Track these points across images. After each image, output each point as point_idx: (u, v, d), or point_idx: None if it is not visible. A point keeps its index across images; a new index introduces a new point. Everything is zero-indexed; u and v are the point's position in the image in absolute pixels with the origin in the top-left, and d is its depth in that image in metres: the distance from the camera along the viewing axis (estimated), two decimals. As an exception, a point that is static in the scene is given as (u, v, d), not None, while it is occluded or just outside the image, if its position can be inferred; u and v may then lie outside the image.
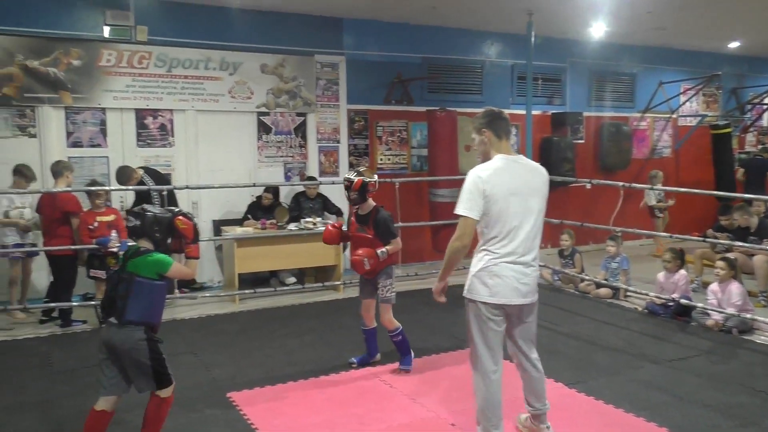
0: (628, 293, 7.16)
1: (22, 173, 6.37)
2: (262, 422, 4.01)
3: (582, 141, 10.54)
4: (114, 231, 6.10)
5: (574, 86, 10.48)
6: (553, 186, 8.15)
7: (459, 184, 8.56)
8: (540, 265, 7.95)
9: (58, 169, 6.25)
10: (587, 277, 7.49)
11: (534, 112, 8.98)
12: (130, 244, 3.51)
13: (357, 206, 4.78)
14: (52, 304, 6.27)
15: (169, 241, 3.52)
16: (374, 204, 4.78)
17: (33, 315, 6.48)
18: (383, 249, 4.68)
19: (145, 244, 3.42)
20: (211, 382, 4.69)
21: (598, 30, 9.11)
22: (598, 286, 7.32)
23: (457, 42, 9.37)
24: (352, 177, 4.70)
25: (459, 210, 3.26)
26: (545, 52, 9.49)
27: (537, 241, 3.40)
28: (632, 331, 5.99)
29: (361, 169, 4.83)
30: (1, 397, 4.41)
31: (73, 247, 6.15)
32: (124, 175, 6.68)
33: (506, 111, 10.17)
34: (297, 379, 4.73)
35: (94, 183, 6.53)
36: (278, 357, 5.25)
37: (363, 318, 4.98)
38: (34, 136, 7.04)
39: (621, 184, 7.29)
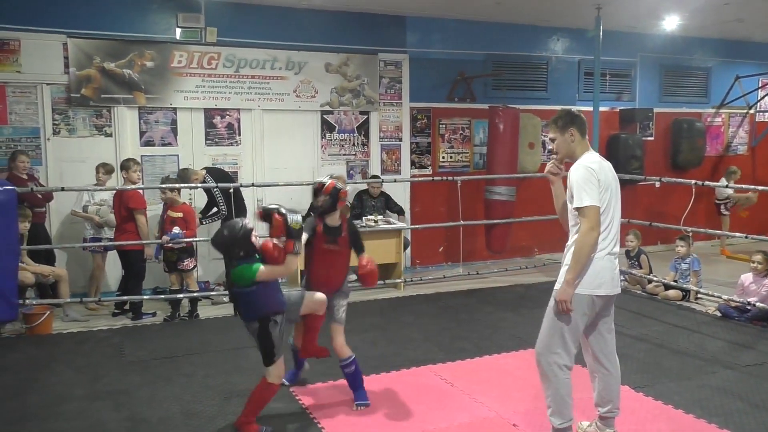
0: (700, 295, 6.91)
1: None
2: (325, 417, 4.07)
3: (652, 138, 10.22)
4: (176, 227, 6.32)
5: (643, 81, 10.17)
6: (620, 184, 7.97)
7: (517, 182, 8.54)
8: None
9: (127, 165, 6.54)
10: (655, 278, 7.27)
11: (601, 109, 8.78)
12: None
13: (325, 215, 4.26)
14: (124, 297, 6.52)
15: (257, 247, 3.72)
16: (342, 216, 4.37)
17: (106, 307, 6.76)
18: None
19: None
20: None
21: (670, 23, 8.82)
22: (667, 287, 7.09)
23: (522, 38, 9.24)
24: (324, 180, 4.24)
25: (585, 201, 3.26)
26: (614, 46, 9.25)
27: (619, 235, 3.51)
28: (704, 334, 5.77)
29: (335, 174, 4.42)
30: (79, 386, 4.63)
31: (146, 242, 6.38)
32: (183, 177, 6.84)
33: (573, 107, 10.01)
34: (359, 375, 4.77)
35: (167, 180, 6.79)
36: (340, 353, 5.30)
37: (296, 345, 4.43)
38: (110, 135, 7.34)
39: (693, 182, 7.03)
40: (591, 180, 3.28)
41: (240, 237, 3.64)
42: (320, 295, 4.05)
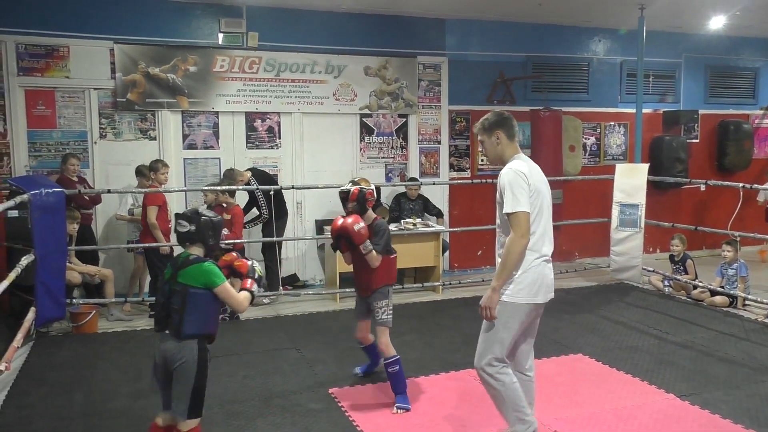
0: (748, 302, 6.71)
1: (143, 173, 6.81)
2: (364, 420, 4.07)
3: (696, 140, 9.99)
4: (224, 229, 6.42)
5: (688, 83, 9.96)
6: (663, 187, 7.84)
7: (561, 185, 8.43)
8: (649, 271, 7.71)
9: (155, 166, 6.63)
10: (701, 284, 7.09)
11: (645, 111, 8.62)
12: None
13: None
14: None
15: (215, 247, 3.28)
16: (375, 216, 4.40)
17: (144, 308, 6.88)
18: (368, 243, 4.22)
19: (196, 250, 3.18)
20: (314, 378, 4.81)
21: (716, 22, 8.62)
22: (714, 293, 6.91)
23: (563, 39, 9.13)
24: (347, 187, 4.29)
25: (516, 207, 3.14)
26: (657, 47, 9.08)
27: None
28: (753, 342, 5.60)
29: (357, 178, 4.43)
30: (123, 384, 4.73)
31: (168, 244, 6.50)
32: (229, 177, 6.96)
33: (614, 109, 9.81)
34: (397, 378, 4.77)
35: (215, 184, 6.93)
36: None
37: (359, 339, 4.67)
38: (154, 138, 7.49)
39: (741, 185, 6.84)
40: (521, 185, 3.17)
41: (219, 226, 3.26)
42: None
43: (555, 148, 8.29)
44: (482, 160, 8.92)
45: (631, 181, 7.64)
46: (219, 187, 6.63)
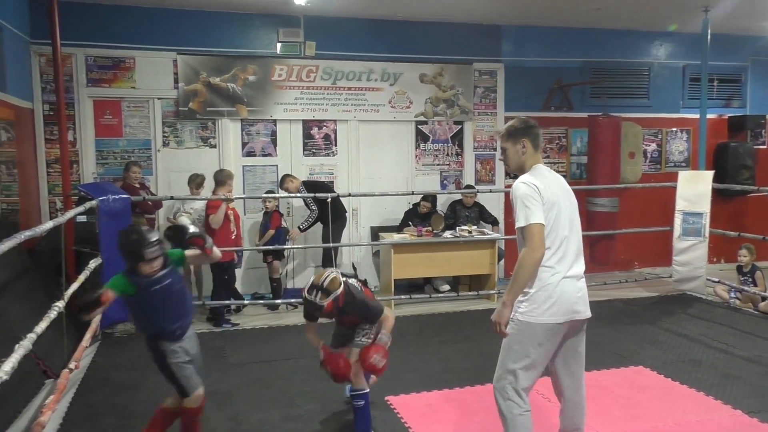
0: (821, 316, 6.41)
1: (193, 181, 6.97)
2: (420, 427, 4.06)
3: (764, 146, 9.63)
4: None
5: (756, 87, 9.61)
6: (729, 195, 7.56)
7: (618, 193, 8.22)
8: (713, 281, 7.44)
9: (221, 178, 6.71)
10: (770, 297, 6.81)
11: (709, 116, 8.34)
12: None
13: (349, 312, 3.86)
14: (226, 302, 6.77)
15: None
16: (340, 291, 3.72)
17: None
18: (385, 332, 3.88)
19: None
20: (370, 385, 4.82)
21: (785, 24, 8.30)
22: (784, 306, 6.62)
23: (622, 44, 8.95)
24: (320, 303, 3.64)
25: (530, 219, 2.98)
26: (722, 50, 8.80)
27: (582, 256, 3.18)
28: (826, 358, 5.35)
29: (325, 283, 3.68)
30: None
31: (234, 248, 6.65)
32: (281, 180, 7.36)
33: (677, 115, 9.52)
34: (453, 386, 4.74)
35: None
36: (434, 363, 5.29)
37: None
38: (214, 146, 7.69)
39: (813, 194, 6.56)
40: (532, 196, 3.00)
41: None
42: None
43: (613, 155, 8.11)
44: (539, 167, 8.80)
45: (694, 189, 7.40)
46: (277, 195, 6.78)
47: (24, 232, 3.55)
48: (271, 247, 7.06)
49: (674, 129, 9.36)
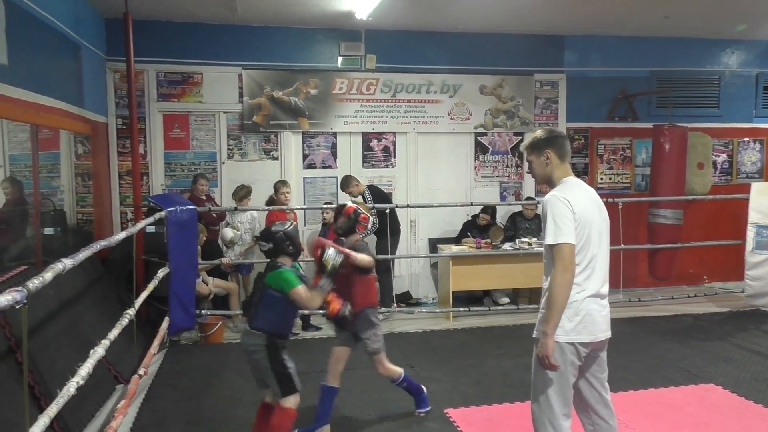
0: None
1: (237, 193, 7.11)
2: (479, 440, 4.02)
3: (844, 157, 9.16)
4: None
5: (834, 94, 9.16)
6: None
7: (683, 205, 7.97)
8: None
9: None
10: None
11: (784, 126, 8.01)
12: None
13: (342, 237, 4.21)
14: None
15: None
16: (357, 238, 4.24)
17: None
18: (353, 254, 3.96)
19: (284, 260, 3.64)
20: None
21: None
22: None
23: (690, 52, 8.70)
24: (347, 203, 4.30)
25: (559, 238, 2.86)
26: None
27: (608, 274, 3.05)
28: None
29: (359, 199, 4.24)
30: (247, 393, 4.91)
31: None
32: (345, 182, 7.25)
33: (749, 124, 9.19)
34: (513, 400, 4.67)
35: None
36: (494, 376, 5.23)
37: (328, 372, 4.20)
38: (276, 159, 7.85)
39: None
40: (565, 214, 2.88)
41: (289, 231, 3.68)
42: None
43: (678, 166, 7.84)
44: (601, 179, 8.63)
45: (768, 201, 7.10)
46: (332, 205, 6.83)
47: (99, 241, 3.69)
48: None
49: (746, 139, 9.02)
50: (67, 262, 2.90)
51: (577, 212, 2.90)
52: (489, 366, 5.52)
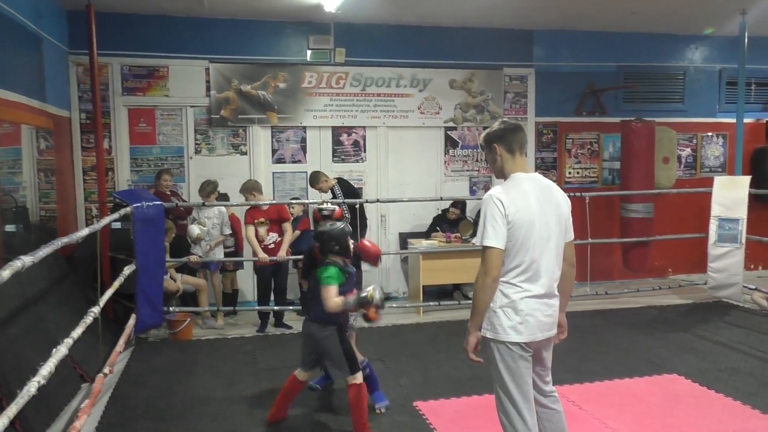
0: None
1: (204, 189, 6.92)
2: (449, 434, 4.05)
3: (804, 151, 9.38)
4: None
5: (795, 90, 9.38)
6: (766, 201, 7.31)
7: (653, 198, 8.08)
8: (750, 288, 7.28)
9: (250, 186, 6.74)
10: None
11: (746, 120, 8.15)
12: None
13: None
14: (258, 308, 6.84)
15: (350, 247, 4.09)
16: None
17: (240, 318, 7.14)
18: None
19: (333, 258, 3.96)
20: (399, 390, 4.83)
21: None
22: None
23: (657, 48, 8.82)
24: (331, 207, 4.72)
25: (485, 240, 2.82)
26: (760, 53, 8.63)
27: (558, 272, 2.98)
28: None
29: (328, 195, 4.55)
30: (217, 390, 4.91)
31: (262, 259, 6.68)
32: (313, 178, 7.17)
33: (712, 119, 9.31)
34: (482, 393, 4.69)
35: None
36: (464, 370, 5.25)
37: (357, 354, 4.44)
38: (245, 153, 7.77)
39: None
40: (495, 215, 2.82)
41: (336, 231, 3.99)
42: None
43: (647, 160, 7.96)
44: (569, 173, 8.73)
45: (731, 195, 7.25)
46: (302, 201, 6.81)
47: (61, 238, 3.62)
48: (292, 257, 6.78)
49: (710, 134, 9.19)
50: (27, 260, 2.83)
51: (510, 213, 2.82)
52: (459, 359, 5.53)
